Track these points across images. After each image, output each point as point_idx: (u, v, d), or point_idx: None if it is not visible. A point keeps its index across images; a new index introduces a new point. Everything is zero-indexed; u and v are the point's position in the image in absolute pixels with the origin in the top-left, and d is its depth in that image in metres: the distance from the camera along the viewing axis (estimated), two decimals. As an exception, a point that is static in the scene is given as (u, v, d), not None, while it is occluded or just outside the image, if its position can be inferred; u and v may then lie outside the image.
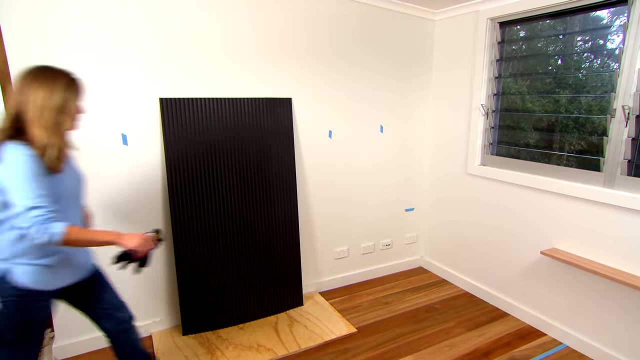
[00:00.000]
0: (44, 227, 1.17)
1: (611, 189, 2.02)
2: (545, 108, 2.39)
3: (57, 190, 1.29)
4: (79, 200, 1.45)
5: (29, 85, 1.25)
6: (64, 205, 1.33)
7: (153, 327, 2.32)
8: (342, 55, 2.64)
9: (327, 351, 2.19)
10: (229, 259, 2.35)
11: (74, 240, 1.23)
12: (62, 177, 1.32)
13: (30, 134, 1.24)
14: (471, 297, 2.83)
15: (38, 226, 1.16)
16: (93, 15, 1.91)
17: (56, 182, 1.29)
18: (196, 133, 2.20)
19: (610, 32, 2.06)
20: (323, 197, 2.77)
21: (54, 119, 1.26)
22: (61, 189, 1.32)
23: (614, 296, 2.03)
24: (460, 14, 2.75)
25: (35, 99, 1.24)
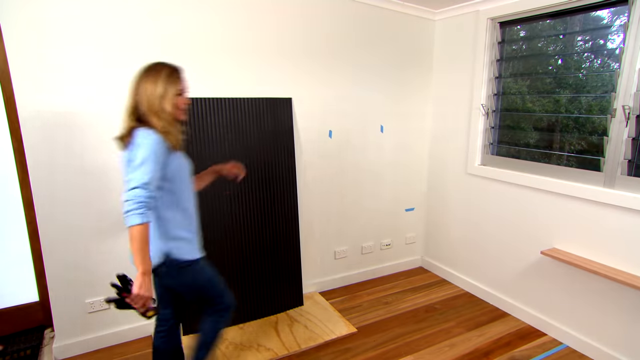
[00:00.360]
0: (133, 209, 1.29)
1: (611, 189, 2.02)
2: (546, 108, 2.39)
3: (177, 168, 1.47)
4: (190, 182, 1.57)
5: (140, 79, 1.44)
6: (178, 183, 1.49)
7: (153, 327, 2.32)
8: (342, 55, 2.64)
9: (327, 351, 2.19)
10: (229, 259, 2.35)
11: (133, 235, 1.31)
12: (180, 157, 1.50)
13: (147, 121, 1.41)
14: (471, 297, 2.83)
15: (131, 205, 1.29)
16: (92, 14, 1.91)
17: (177, 160, 1.47)
18: (196, 133, 2.19)
19: (610, 32, 2.06)
20: (323, 197, 2.77)
21: (158, 105, 1.42)
22: (180, 166, 1.49)
23: (614, 296, 2.03)
24: (461, 13, 2.75)
25: (145, 91, 1.42)
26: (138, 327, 2.27)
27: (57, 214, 1.98)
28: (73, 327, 2.11)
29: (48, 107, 1.89)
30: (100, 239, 2.10)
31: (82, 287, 2.10)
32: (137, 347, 2.20)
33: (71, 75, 1.91)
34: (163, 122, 1.42)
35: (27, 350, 2.11)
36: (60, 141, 1.94)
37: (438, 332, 2.39)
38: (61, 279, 2.05)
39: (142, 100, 1.42)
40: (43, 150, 1.91)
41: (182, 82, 1.48)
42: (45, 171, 1.93)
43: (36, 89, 1.85)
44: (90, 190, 2.04)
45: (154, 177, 1.35)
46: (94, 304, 2.14)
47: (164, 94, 1.43)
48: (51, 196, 1.96)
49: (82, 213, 2.04)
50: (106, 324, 2.19)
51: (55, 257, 2.01)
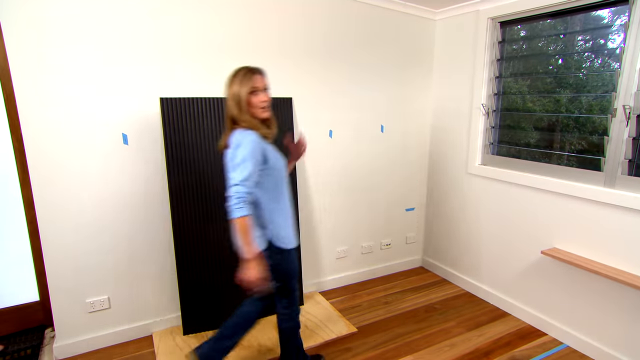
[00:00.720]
0: (234, 203, 1.45)
1: (612, 188, 2.02)
2: (546, 108, 2.39)
3: (273, 161, 1.58)
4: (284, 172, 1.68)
5: (226, 85, 1.58)
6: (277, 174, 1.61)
7: (154, 327, 2.32)
8: (343, 55, 2.64)
9: (327, 351, 2.19)
10: (230, 259, 2.35)
11: (237, 227, 1.48)
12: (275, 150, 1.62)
13: (238, 122, 1.56)
14: (471, 297, 2.83)
15: (233, 200, 1.45)
16: (93, 13, 1.91)
17: (274, 154, 1.60)
18: (197, 132, 2.19)
19: (611, 31, 2.06)
20: (323, 196, 2.77)
21: (238, 105, 1.54)
22: (275, 159, 1.60)
23: (614, 296, 2.03)
24: (461, 13, 2.75)
25: (228, 94, 1.57)
26: (138, 327, 2.28)
27: (57, 213, 1.98)
28: (73, 326, 2.12)
29: (49, 107, 1.89)
30: (101, 238, 2.10)
31: (83, 287, 2.10)
32: (137, 347, 2.20)
33: (72, 75, 1.91)
34: (247, 120, 1.55)
35: (28, 349, 2.11)
36: (61, 141, 1.94)
37: (438, 332, 2.39)
38: (61, 279, 2.05)
39: (228, 103, 1.56)
40: (43, 150, 1.91)
41: (255, 81, 1.55)
42: (46, 171, 1.93)
43: (37, 87, 1.85)
44: (91, 190, 2.04)
45: (252, 173, 1.48)
46: (94, 304, 2.14)
47: (239, 94, 1.54)
48: (52, 196, 1.96)
49: (83, 213, 2.04)
50: (106, 323, 2.19)
51: (56, 256, 2.02)
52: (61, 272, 2.04)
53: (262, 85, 1.57)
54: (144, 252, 2.23)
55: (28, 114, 1.86)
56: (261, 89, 1.57)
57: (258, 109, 1.57)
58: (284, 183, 1.66)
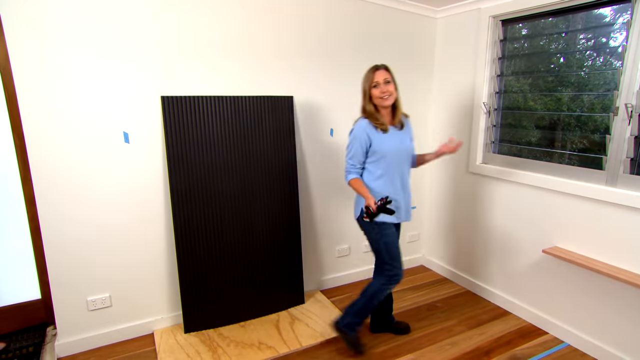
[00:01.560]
0: (346, 173, 2.00)
1: (614, 187, 2.02)
2: (547, 106, 2.39)
3: (378, 146, 1.94)
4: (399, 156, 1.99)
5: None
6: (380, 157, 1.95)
7: (155, 325, 2.32)
8: (343, 53, 2.63)
9: (328, 349, 2.19)
10: (231, 258, 2.35)
11: (353, 187, 1.95)
12: (385, 138, 1.95)
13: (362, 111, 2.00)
14: (472, 296, 2.83)
15: (346, 171, 2.00)
16: (93, 13, 1.90)
17: (380, 140, 1.94)
18: (198, 131, 2.19)
19: (613, 29, 2.05)
20: (324, 195, 2.77)
21: (364, 97, 1.96)
22: (381, 145, 1.94)
23: (616, 295, 2.03)
24: (462, 11, 2.74)
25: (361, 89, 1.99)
26: (139, 325, 2.28)
27: (58, 211, 1.99)
28: (75, 324, 2.12)
29: (50, 105, 1.89)
30: (102, 236, 2.11)
31: (84, 285, 2.11)
32: (138, 345, 2.20)
33: (73, 73, 1.91)
34: (367, 110, 1.96)
35: (30, 347, 2.11)
36: (62, 139, 1.94)
37: (439, 330, 2.39)
38: (63, 277, 2.05)
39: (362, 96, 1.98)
40: (45, 148, 1.91)
41: (376, 76, 1.90)
42: (47, 168, 1.93)
43: (38, 86, 1.85)
44: (92, 188, 2.04)
45: (356, 153, 1.95)
46: (96, 302, 2.14)
47: (364, 88, 1.94)
48: (53, 193, 1.96)
49: (84, 210, 2.04)
50: (107, 321, 2.20)
51: (57, 254, 2.02)
52: (62, 270, 2.04)
53: (382, 79, 1.90)
54: (145, 250, 2.23)
55: (29, 112, 1.86)
56: (381, 83, 1.89)
57: (378, 99, 1.92)
58: (386, 163, 1.96)
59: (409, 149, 2.04)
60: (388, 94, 1.91)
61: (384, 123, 1.94)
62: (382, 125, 1.93)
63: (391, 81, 1.92)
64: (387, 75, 1.91)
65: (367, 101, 1.95)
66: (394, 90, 1.93)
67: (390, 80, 1.91)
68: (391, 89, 1.91)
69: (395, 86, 1.95)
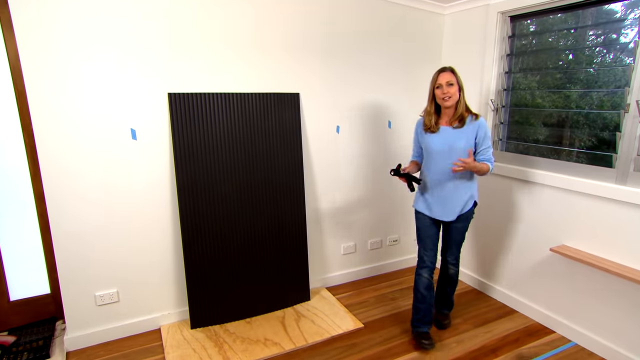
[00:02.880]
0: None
1: (624, 185, 1.99)
2: (556, 103, 2.36)
3: (425, 144, 2.14)
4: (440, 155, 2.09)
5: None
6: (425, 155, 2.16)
7: (162, 320, 2.35)
8: (350, 50, 2.62)
9: (333, 346, 2.20)
10: (237, 254, 2.37)
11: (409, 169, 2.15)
12: (432, 137, 2.10)
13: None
14: (478, 294, 2.81)
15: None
16: (101, 10, 1.92)
17: (426, 139, 2.12)
18: (204, 128, 2.20)
19: (624, 25, 2.02)
20: (330, 192, 2.77)
21: (429, 96, 2.10)
22: (427, 144, 2.12)
23: (624, 294, 2.00)
24: (471, 7, 2.72)
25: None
26: (146, 321, 2.30)
27: (67, 208, 2.01)
28: (83, 319, 2.15)
29: (59, 103, 1.91)
30: (110, 232, 2.13)
31: (92, 280, 2.13)
32: (145, 340, 2.23)
33: (80, 71, 1.93)
34: (426, 110, 2.13)
35: (40, 341, 2.14)
36: (71, 136, 1.96)
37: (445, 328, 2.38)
38: (72, 272, 2.08)
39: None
40: (54, 145, 1.94)
41: (440, 78, 2.01)
42: (56, 165, 1.95)
43: (47, 84, 1.87)
44: (100, 185, 2.06)
45: (414, 145, 2.27)
46: (104, 297, 2.17)
47: (429, 88, 2.09)
48: (62, 190, 1.98)
49: (92, 207, 2.06)
50: (115, 317, 2.22)
51: (66, 250, 2.04)
52: (71, 266, 2.07)
53: (444, 81, 2.00)
54: (152, 246, 2.25)
55: (39, 110, 1.88)
56: (444, 84, 2.00)
57: (440, 100, 2.04)
58: (432, 160, 2.12)
59: (457, 148, 2.03)
60: (449, 96, 2.00)
61: (430, 126, 2.10)
62: (427, 128, 2.12)
63: (454, 83, 2.00)
64: (450, 78, 2.00)
65: (430, 101, 2.09)
66: (455, 92, 2.00)
67: (453, 82, 2.00)
68: (452, 91, 2.00)
69: (460, 87, 2.02)
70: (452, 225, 2.17)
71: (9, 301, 2.24)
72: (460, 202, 2.10)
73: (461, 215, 2.12)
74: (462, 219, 2.14)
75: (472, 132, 2.04)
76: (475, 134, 2.04)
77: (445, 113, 2.09)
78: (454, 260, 2.27)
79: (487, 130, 2.05)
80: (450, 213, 2.12)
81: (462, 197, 2.10)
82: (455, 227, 2.17)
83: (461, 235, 2.20)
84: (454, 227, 2.17)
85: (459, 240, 2.22)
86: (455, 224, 2.16)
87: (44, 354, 2.05)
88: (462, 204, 2.11)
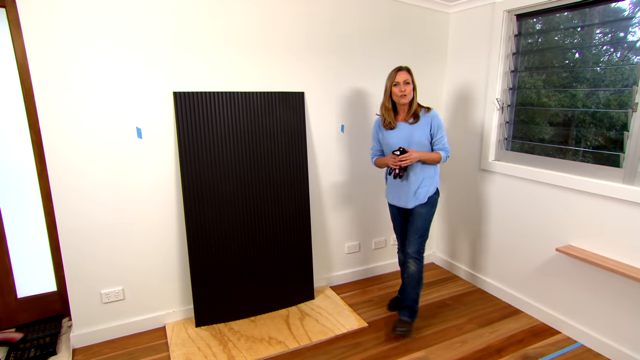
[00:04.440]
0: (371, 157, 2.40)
1: (631, 185, 1.98)
2: (562, 102, 2.35)
3: (385, 140, 2.24)
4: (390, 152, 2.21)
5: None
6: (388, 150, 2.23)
7: (167, 318, 2.36)
8: (355, 48, 2.62)
9: (338, 345, 2.20)
10: (241, 253, 2.37)
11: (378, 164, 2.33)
12: (391, 133, 2.21)
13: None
14: (483, 294, 2.80)
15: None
16: (106, 10, 1.93)
17: (386, 135, 2.23)
18: (209, 127, 2.21)
19: (632, 24, 2.01)
20: (335, 191, 2.77)
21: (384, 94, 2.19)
22: (387, 140, 2.23)
23: (632, 295, 1.99)
24: (476, 6, 2.70)
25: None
26: (151, 319, 2.32)
27: (74, 206, 2.02)
28: (89, 316, 2.16)
29: (65, 101, 1.92)
30: (116, 231, 2.14)
31: (98, 278, 2.15)
32: (151, 338, 2.24)
33: (86, 69, 1.94)
34: (382, 106, 2.22)
35: (46, 338, 2.16)
36: (77, 134, 1.98)
37: (449, 328, 2.37)
38: (78, 270, 2.09)
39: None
40: (60, 143, 1.95)
41: (397, 76, 2.10)
42: (62, 164, 1.97)
43: (53, 82, 1.89)
44: (106, 184, 2.07)
45: (373, 143, 2.37)
46: (109, 295, 2.18)
47: (386, 85, 2.17)
48: (68, 189, 2.00)
49: (99, 205, 2.08)
50: (121, 314, 2.24)
51: (72, 248, 2.06)
52: (77, 264, 2.08)
53: (402, 79, 2.09)
54: (157, 245, 2.26)
55: (46, 108, 1.89)
56: (401, 83, 2.09)
57: (396, 97, 2.13)
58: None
59: (415, 141, 2.16)
60: (405, 94, 2.11)
61: (389, 123, 2.20)
62: (386, 125, 2.21)
63: (410, 82, 2.12)
64: (407, 77, 2.11)
65: (387, 97, 2.18)
66: (411, 91, 2.12)
67: (409, 81, 2.11)
68: (409, 89, 2.11)
69: (414, 87, 2.14)
70: (414, 210, 2.23)
71: (17, 298, 2.27)
72: (417, 189, 2.20)
73: (425, 202, 2.21)
74: (424, 205, 2.21)
75: (427, 125, 2.17)
76: (430, 126, 2.17)
77: (401, 110, 2.20)
78: (415, 254, 2.24)
79: (439, 121, 2.19)
80: (409, 200, 2.21)
81: (418, 184, 2.19)
82: (419, 212, 2.22)
83: (423, 222, 2.22)
84: (416, 212, 2.22)
85: (421, 226, 2.23)
86: (419, 209, 2.22)
87: (51, 350, 2.06)
88: (420, 190, 2.20)
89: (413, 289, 2.27)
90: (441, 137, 2.19)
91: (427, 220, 2.23)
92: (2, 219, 2.15)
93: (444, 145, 2.20)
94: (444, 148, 2.20)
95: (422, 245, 2.25)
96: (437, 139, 2.18)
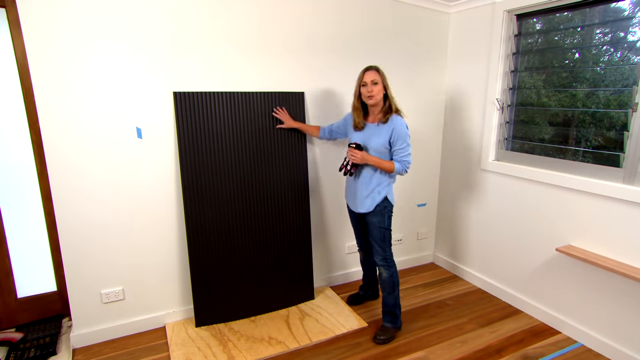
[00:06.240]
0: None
1: (631, 185, 1.98)
2: (562, 103, 2.35)
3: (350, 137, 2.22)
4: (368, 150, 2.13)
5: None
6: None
7: (167, 318, 2.36)
8: (355, 49, 2.62)
9: (338, 345, 2.20)
10: (241, 253, 2.37)
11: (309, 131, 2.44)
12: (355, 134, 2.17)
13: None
14: (483, 294, 2.80)
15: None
16: (106, 9, 1.93)
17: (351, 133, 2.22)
18: (209, 127, 2.21)
19: (632, 23, 2.01)
20: (335, 191, 2.77)
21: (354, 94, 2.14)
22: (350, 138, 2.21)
23: (632, 294, 1.99)
24: (476, 6, 2.70)
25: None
26: (151, 319, 2.32)
27: (74, 206, 2.02)
28: (89, 316, 2.16)
29: (65, 101, 1.92)
30: (116, 231, 2.14)
31: (98, 278, 2.15)
32: (151, 338, 2.24)
33: (86, 69, 1.94)
34: (353, 106, 2.16)
35: (46, 338, 2.16)
36: (77, 134, 1.97)
37: (450, 328, 2.37)
38: (78, 270, 2.09)
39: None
40: (60, 143, 1.95)
41: (365, 76, 2.04)
42: (62, 164, 1.97)
43: (53, 82, 1.89)
44: (106, 183, 2.07)
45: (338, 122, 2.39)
46: (109, 295, 2.18)
47: (355, 86, 2.11)
48: (68, 188, 2.00)
49: (99, 205, 2.08)
50: (121, 314, 2.24)
51: (72, 248, 2.06)
52: (77, 264, 2.08)
53: (369, 80, 2.02)
54: (157, 245, 2.26)
55: (46, 108, 1.89)
56: (369, 83, 2.02)
57: (365, 97, 2.07)
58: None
59: (371, 146, 2.09)
60: (372, 95, 2.03)
61: (358, 123, 2.15)
62: (354, 125, 2.17)
63: (379, 82, 2.03)
64: (375, 77, 2.02)
65: (356, 98, 2.13)
66: (379, 91, 2.03)
67: (378, 81, 2.02)
68: (376, 90, 2.03)
69: (384, 86, 2.05)
70: (367, 219, 2.19)
71: (17, 298, 2.27)
72: (366, 194, 2.14)
73: (372, 210, 2.14)
74: (373, 214, 2.15)
75: (387, 133, 2.05)
76: (390, 135, 2.05)
77: (372, 111, 2.14)
78: (382, 262, 2.21)
79: (402, 130, 2.03)
80: (358, 205, 2.19)
81: (368, 189, 2.12)
82: (371, 222, 2.17)
83: (377, 231, 2.16)
84: (368, 221, 2.19)
85: (376, 236, 2.17)
86: (370, 218, 2.17)
87: (51, 350, 2.06)
88: (368, 196, 2.13)
89: (389, 294, 2.23)
90: (401, 148, 2.04)
91: (382, 229, 2.16)
92: (2, 219, 2.15)
93: (402, 157, 2.06)
94: (402, 160, 2.06)
95: (386, 251, 2.20)
96: (396, 150, 2.05)
